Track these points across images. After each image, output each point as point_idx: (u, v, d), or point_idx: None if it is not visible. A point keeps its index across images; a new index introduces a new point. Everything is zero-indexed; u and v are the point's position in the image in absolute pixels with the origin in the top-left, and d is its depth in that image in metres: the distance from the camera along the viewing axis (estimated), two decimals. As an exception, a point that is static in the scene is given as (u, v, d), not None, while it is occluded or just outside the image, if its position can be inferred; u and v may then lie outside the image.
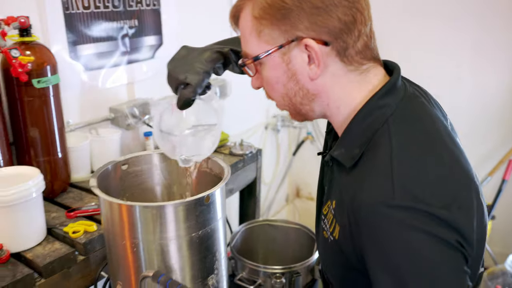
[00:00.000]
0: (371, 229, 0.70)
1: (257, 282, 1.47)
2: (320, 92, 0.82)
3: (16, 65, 1.15)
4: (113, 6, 1.70)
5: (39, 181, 1.13)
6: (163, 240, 0.90)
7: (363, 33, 0.78)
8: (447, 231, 0.66)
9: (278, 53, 0.79)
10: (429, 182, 0.70)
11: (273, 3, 0.75)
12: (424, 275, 0.67)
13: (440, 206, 0.67)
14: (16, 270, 1.03)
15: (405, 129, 0.76)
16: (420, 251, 0.67)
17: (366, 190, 0.72)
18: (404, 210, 0.67)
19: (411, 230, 0.66)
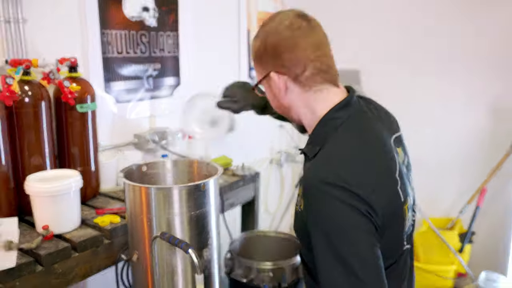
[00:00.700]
0: (310, 198, 1.01)
1: (250, 277, 1.75)
2: (291, 106, 1.17)
3: (67, 92, 1.52)
4: (141, 52, 2.10)
5: (78, 180, 1.46)
6: (170, 215, 1.22)
7: (309, 65, 1.11)
8: (361, 203, 0.96)
9: (264, 81, 1.18)
10: (354, 170, 1.01)
11: (254, 51, 1.18)
12: (342, 231, 0.96)
13: (358, 186, 0.97)
14: (58, 244, 1.35)
15: (347, 135, 1.08)
16: (340, 215, 0.96)
17: (312, 172, 1.04)
18: (332, 186, 0.97)
19: (336, 199, 0.96)
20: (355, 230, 0.96)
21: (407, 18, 3.03)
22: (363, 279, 0.93)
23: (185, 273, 1.27)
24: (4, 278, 1.19)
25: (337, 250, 0.95)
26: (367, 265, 0.95)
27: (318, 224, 0.99)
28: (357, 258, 0.94)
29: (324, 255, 0.97)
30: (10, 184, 1.50)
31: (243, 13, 2.73)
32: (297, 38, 1.09)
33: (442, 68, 2.96)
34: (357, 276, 0.93)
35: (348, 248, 0.95)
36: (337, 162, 1.02)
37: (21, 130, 1.52)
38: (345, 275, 0.94)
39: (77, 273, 1.37)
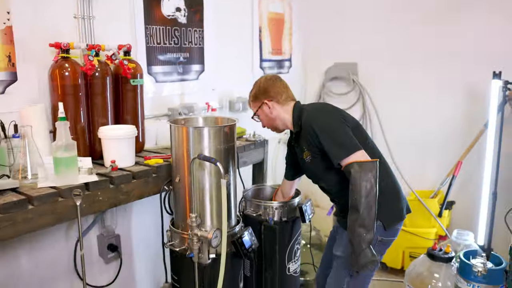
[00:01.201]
0: (311, 126, 1.88)
1: (258, 213, 2.29)
2: (277, 116, 2.10)
3: (126, 68, 2.09)
4: (174, 43, 2.67)
5: (134, 130, 2.03)
6: (202, 148, 1.78)
7: (283, 94, 2.06)
8: (336, 113, 2.01)
9: (260, 110, 2.13)
10: (321, 106, 1.92)
11: (252, 95, 2.18)
12: (330, 127, 1.93)
13: (326, 109, 1.99)
14: (122, 172, 1.92)
15: (309, 106, 1.99)
16: (327, 121, 1.96)
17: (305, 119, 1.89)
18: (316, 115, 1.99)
19: (322, 117, 2.00)
20: (335, 124, 1.93)
21: (396, 19, 3.56)
22: (346, 145, 1.87)
23: (210, 189, 1.83)
24: (92, 187, 1.75)
25: (331, 136, 1.90)
26: (346, 137, 1.89)
27: (319, 131, 1.91)
28: (340, 136, 1.90)
29: (327, 143, 1.89)
30: (86, 135, 2.07)
31: (256, 13, 3.30)
32: (276, 83, 2.14)
33: (428, 62, 3.48)
34: (343, 143, 1.87)
35: (335, 133, 1.91)
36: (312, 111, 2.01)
37: (93, 96, 2.09)
38: (338, 146, 1.88)
39: (135, 194, 1.94)
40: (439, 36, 3.41)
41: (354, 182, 1.80)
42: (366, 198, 1.79)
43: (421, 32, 3.47)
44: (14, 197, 1.57)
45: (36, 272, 2.11)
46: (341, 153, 1.84)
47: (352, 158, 1.82)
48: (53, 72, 1.95)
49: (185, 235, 1.88)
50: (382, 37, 3.65)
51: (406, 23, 3.52)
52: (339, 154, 1.84)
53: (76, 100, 1.99)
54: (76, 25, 2.15)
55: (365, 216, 1.80)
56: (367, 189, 1.78)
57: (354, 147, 1.84)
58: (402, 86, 3.62)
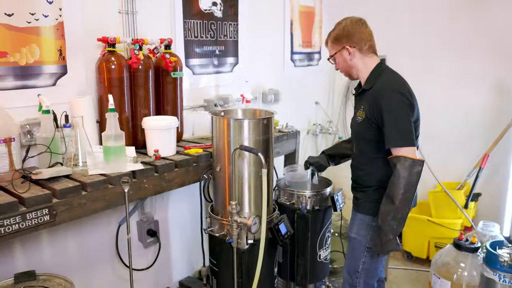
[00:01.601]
0: (383, 98, 1.91)
1: (291, 201, 2.38)
2: (354, 66, 2.04)
3: (168, 61, 2.19)
4: (210, 37, 2.76)
5: (176, 120, 2.14)
6: (242, 139, 1.87)
7: (367, 42, 1.97)
8: (406, 99, 1.89)
9: (339, 53, 2.05)
10: (399, 84, 1.94)
11: (335, 36, 2.06)
12: (398, 111, 1.89)
13: (404, 91, 1.92)
14: (165, 161, 2.02)
15: (389, 72, 2.02)
16: (398, 104, 1.89)
17: (380, 87, 1.92)
18: (393, 90, 1.92)
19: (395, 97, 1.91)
20: (405, 111, 1.89)
21: (424, 10, 3.57)
22: (406, 135, 1.87)
23: (249, 178, 1.93)
24: (138, 175, 1.87)
25: (396, 120, 1.88)
26: (409, 129, 1.88)
27: (387, 108, 1.88)
28: (404, 124, 1.89)
29: (389, 124, 1.88)
30: (129, 124, 2.18)
31: (288, 6, 3.36)
32: (361, 28, 1.99)
33: (454, 55, 3.49)
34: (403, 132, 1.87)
35: (401, 119, 1.88)
36: (392, 80, 1.98)
37: (136, 88, 2.19)
38: (398, 132, 1.87)
39: (177, 182, 2.04)
40: (467, 27, 3.40)
41: (398, 174, 1.83)
42: (405, 194, 1.82)
43: (449, 23, 3.48)
44: (70, 183, 1.69)
45: (82, 254, 2.25)
46: (398, 141, 1.86)
47: (404, 151, 1.84)
48: (100, 65, 2.07)
49: (224, 221, 1.98)
50: (411, 30, 3.66)
51: (434, 13, 3.53)
52: (395, 141, 1.86)
53: (121, 92, 2.10)
54: (120, 20, 2.25)
55: (400, 210, 1.85)
56: (409, 185, 1.82)
57: (411, 141, 1.85)
58: (428, 78, 3.64)
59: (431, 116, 3.68)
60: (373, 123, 1.94)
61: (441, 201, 3.43)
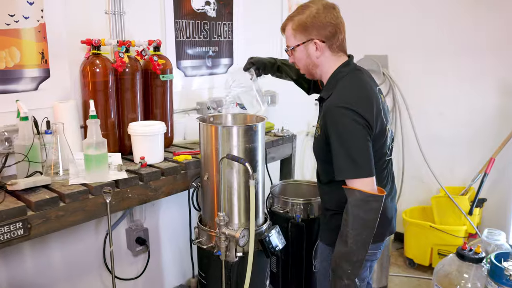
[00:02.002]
0: (330, 117, 1.56)
1: (286, 209, 2.28)
2: (320, 64, 1.71)
3: (156, 64, 2.10)
4: (203, 37, 2.66)
5: (163, 126, 2.04)
6: (230, 147, 1.77)
7: (340, 38, 1.67)
8: (360, 118, 1.53)
9: (302, 46, 1.69)
10: (355, 99, 1.57)
11: (301, 23, 1.66)
12: (348, 134, 1.53)
13: (356, 107, 1.53)
14: (151, 169, 1.93)
15: (349, 81, 1.65)
16: (348, 126, 1.53)
17: (330, 102, 1.60)
18: (341, 108, 1.54)
19: (343, 115, 1.53)
20: (357, 134, 1.53)
21: (429, 9, 3.45)
22: (359, 164, 1.52)
23: (238, 188, 1.83)
24: (122, 184, 1.77)
25: (345, 145, 1.53)
26: (363, 156, 1.53)
27: (334, 131, 1.55)
28: (356, 150, 1.52)
29: (337, 150, 1.54)
30: (115, 130, 2.09)
31: (285, 4, 3.25)
32: (338, 19, 1.66)
33: (458, 53, 3.36)
34: (355, 161, 1.52)
35: (351, 144, 1.53)
36: (345, 95, 1.60)
37: (122, 92, 2.10)
38: (348, 161, 1.52)
39: (164, 191, 1.95)
40: (472, 25, 3.27)
41: (349, 212, 1.52)
42: (359, 235, 1.52)
43: (455, 23, 3.35)
44: (47, 194, 1.60)
45: (67, 265, 2.16)
46: (348, 171, 1.52)
47: (358, 183, 1.51)
48: (84, 69, 1.98)
49: (212, 233, 1.89)
50: (414, 29, 3.54)
51: (440, 13, 3.40)
52: (345, 171, 1.53)
53: (106, 96, 2.01)
54: (107, 21, 2.16)
55: (355, 253, 1.54)
56: (363, 225, 1.52)
57: (365, 171, 1.51)
58: (433, 79, 3.52)
59: (434, 118, 3.57)
60: (326, 143, 1.61)
61: (444, 207, 3.32)
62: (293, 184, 2.57)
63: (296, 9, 1.72)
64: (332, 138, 1.55)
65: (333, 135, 1.55)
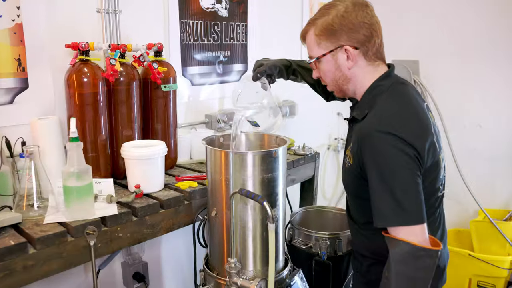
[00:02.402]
0: (369, 144, 1.21)
1: (308, 245, 1.92)
2: (352, 77, 1.36)
3: (155, 73, 1.76)
4: (213, 40, 2.32)
5: (163, 148, 1.69)
6: (244, 177, 1.42)
7: (377, 42, 1.31)
8: (407, 147, 1.16)
9: (330, 55, 1.34)
10: (401, 122, 1.21)
11: (326, 26, 1.31)
12: (392, 169, 1.17)
13: (405, 133, 1.17)
14: (148, 200, 1.59)
15: (391, 97, 1.29)
16: (392, 157, 1.17)
17: (368, 125, 1.24)
18: (385, 133, 1.18)
19: (387, 144, 1.17)
20: (403, 169, 1.17)
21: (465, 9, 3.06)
22: (406, 208, 1.15)
23: (254, 228, 1.47)
24: (110, 222, 1.43)
25: (387, 183, 1.16)
26: (412, 196, 1.16)
27: (374, 163, 1.20)
28: (403, 190, 1.15)
29: (376, 188, 1.19)
30: (107, 151, 1.75)
31: (306, 4, 2.89)
32: (373, 19, 1.30)
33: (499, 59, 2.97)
34: (401, 203, 1.15)
35: (396, 182, 1.16)
36: (387, 116, 1.23)
37: (116, 105, 1.77)
38: (392, 205, 1.16)
39: (163, 226, 1.60)
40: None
41: (393, 270, 1.17)
42: None
43: (495, 25, 2.97)
44: (12, 239, 1.26)
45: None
46: (391, 216, 1.17)
47: (404, 232, 1.15)
48: (69, 78, 1.64)
49: (221, 280, 1.54)
50: (449, 31, 3.16)
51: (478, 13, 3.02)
52: (387, 216, 1.17)
53: (95, 111, 1.68)
54: (99, 21, 1.83)
55: None
56: (412, 287, 1.17)
57: (414, 216, 1.16)
58: (470, 87, 3.13)
59: (472, 130, 3.18)
60: (361, 176, 1.28)
61: (485, 233, 2.93)
62: (316, 211, 2.21)
63: (319, 10, 1.37)
64: (371, 172, 1.21)
65: (371, 169, 1.21)
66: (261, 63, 1.63)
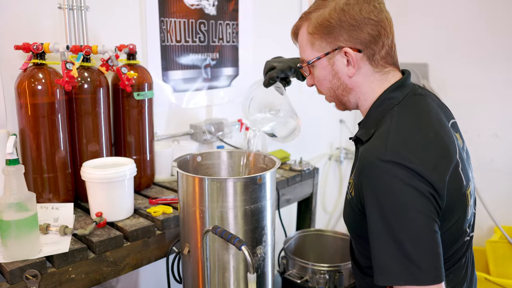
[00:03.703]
0: (368, 177, 0.93)
1: (304, 278, 1.66)
2: (354, 87, 1.09)
3: (124, 79, 1.50)
4: (199, 41, 2.06)
5: (132, 168, 1.43)
6: (223, 209, 1.15)
7: (386, 44, 1.04)
8: (422, 183, 0.88)
9: (325, 58, 1.07)
10: (413, 147, 0.93)
11: (322, 22, 1.04)
12: (399, 212, 0.88)
13: (418, 164, 0.89)
14: (110, 232, 1.33)
15: (404, 113, 1.01)
16: (398, 195, 0.88)
17: (368, 151, 0.96)
18: (391, 164, 0.90)
19: (395, 178, 0.89)
20: (414, 212, 0.88)
21: (478, 8, 2.80)
22: (417, 263, 0.86)
23: (237, 270, 1.20)
24: (58, 262, 1.17)
25: (393, 232, 0.88)
26: (424, 250, 0.87)
27: (374, 201, 0.91)
28: (413, 241, 0.87)
29: (378, 235, 0.90)
30: (68, 170, 1.50)
31: (305, 2, 2.62)
32: (382, 14, 1.03)
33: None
34: (411, 258, 0.86)
35: (404, 230, 0.87)
36: (395, 140, 0.94)
37: (79, 116, 1.52)
38: (399, 258, 0.87)
39: (128, 263, 1.34)
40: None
41: None
42: None
43: (510, 26, 2.70)
44: None
45: None
46: (398, 272, 0.88)
47: None
48: (20, 86, 1.38)
49: (197, 330, 1.27)
50: (460, 32, 2.89)
51: (491, 12, 2.75)
52: (392, 272, 0.89)
53: (52, 124, 1.42)
54: (61, 19, 1.57)
55: None
56: None
57: (429, 274, 0.87)
58: (485, 94, 2.86)
59: (487, 140, 2.91)
60: (363, 214, 0.99)
61: (502, 254, 2.66)
62: (314, 235, 1.95)
63: (315, 2, 1.09)
64: (371, 213, 0.93)
65: (372, 209, 0.92)
66: (272, 65, 1.34)
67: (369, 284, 1.12)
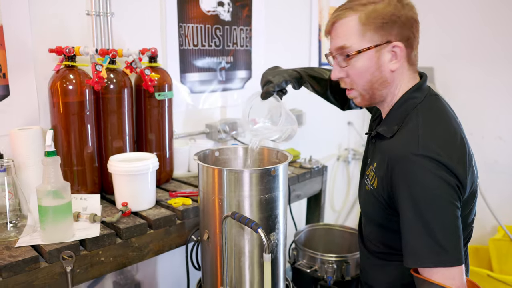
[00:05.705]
0: (403, 170, 1.04)
1: (313, 268, 1.76)
2: (392, 82, 1.17)
3: (147, 80, 1.62)
4: (215, 45, 2.18)
5: (155, 162, 1.55)
6: (240, 197, 1.26)
7: (417, 45, 1.16)
8: (449, 175, 1.00)
9: (374, 50, 1.12)
10: (441, 143, 1.04)
11: (377, 16, 1.11)
12: (430, 201, 0.99)
13: (446, 157, 1.01)
14: (135, 220, 1.44)
15: (428, 112, 1.12)
16: (430, 186, 1.00)
17: (401, 146, 1.07)
18: (423, 157, 1.01)
19: (426, 171, 1.00)
20: (443, 201, 0.99)
21: (485, 10, 2.89)
22: (445, 247, 0.98)
23: (251, 254, 1.32)
24: (90, 245, 1.29)
25: (425, 217, 0.99)
26: (450, 234, 0.99)
27: (408, 192, 1.02)
28: (441, 227, 0.98)
29: (411, 222, 1.02)
30: (95, 164, 1.62)
31: (315, 8, 2.74)
32: (416, 17, 1.15)
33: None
34: (439, 241, 0.98)
35: (434, 217, 0.99)
36: (425, 136, 1.05)
37: (106, 114, 1.64)
38: (429, 243, 0.99)
39: (151, 249, 1.46)
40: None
41: None
42: None
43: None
44: (-24, 266, 1.13)
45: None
46: (428, 256, 0.99)
47: (440, 274, 0.98)
48: (53, 86, 1.51)
49: (214, 310, 1.38)
50: (466, 36, 2.98)
51: (496, 16, 2.84)
52: (423, 255, 1.00)
53: (81, 121, 1.54)
54: (89, 25, 1.70)
55: None
56: None
57: (454, 256, 0.98)
58: (489, 96, 2.95)
59: (491, 142, 2.99)
60: (388, 204, 1.13)
61: (505, 252, 2.74)
62: (323, 229, 2.05)
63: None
64: (404, 203, 1.04)
65: (405, 200, 1.03)
66: (269, 79, 1.38)
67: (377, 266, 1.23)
